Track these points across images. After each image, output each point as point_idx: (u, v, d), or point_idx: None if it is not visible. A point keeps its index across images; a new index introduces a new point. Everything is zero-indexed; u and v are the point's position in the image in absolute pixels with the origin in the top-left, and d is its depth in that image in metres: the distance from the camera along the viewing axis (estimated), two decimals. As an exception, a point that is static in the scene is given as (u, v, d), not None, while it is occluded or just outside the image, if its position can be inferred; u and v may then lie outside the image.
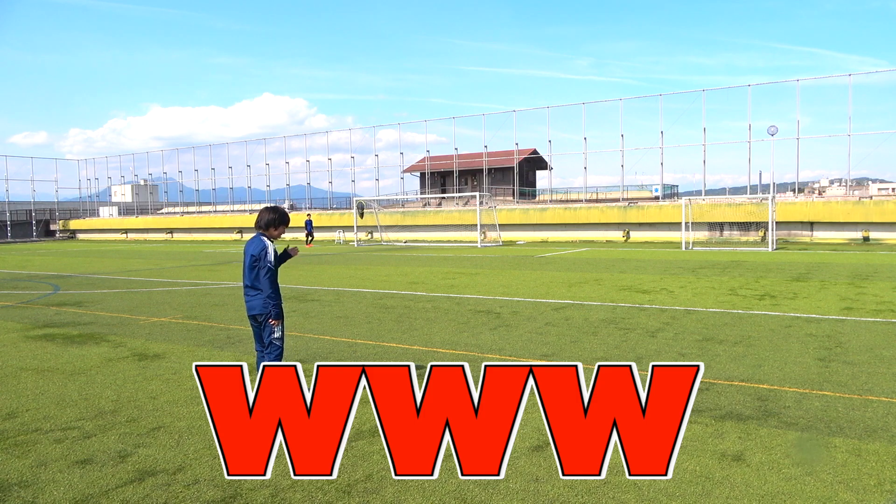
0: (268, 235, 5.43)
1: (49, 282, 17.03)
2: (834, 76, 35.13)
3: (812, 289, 12.44)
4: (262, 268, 5.27)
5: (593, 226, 35.04)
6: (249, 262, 5.35)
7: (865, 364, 6.42)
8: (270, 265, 5.30)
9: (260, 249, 5.29)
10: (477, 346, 7.63)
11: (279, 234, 5.52)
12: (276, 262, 5.34)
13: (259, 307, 5.37)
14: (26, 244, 48.70)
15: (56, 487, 3.87)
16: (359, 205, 37.77)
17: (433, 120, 50.53)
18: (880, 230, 28.62)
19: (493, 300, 11.55)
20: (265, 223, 5.42)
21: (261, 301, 5.34)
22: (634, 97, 55.74)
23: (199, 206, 58.12)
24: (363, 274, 17.50)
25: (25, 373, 6.75)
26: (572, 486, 3.76)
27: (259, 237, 5.41)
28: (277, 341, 5.38)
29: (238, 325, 9.38)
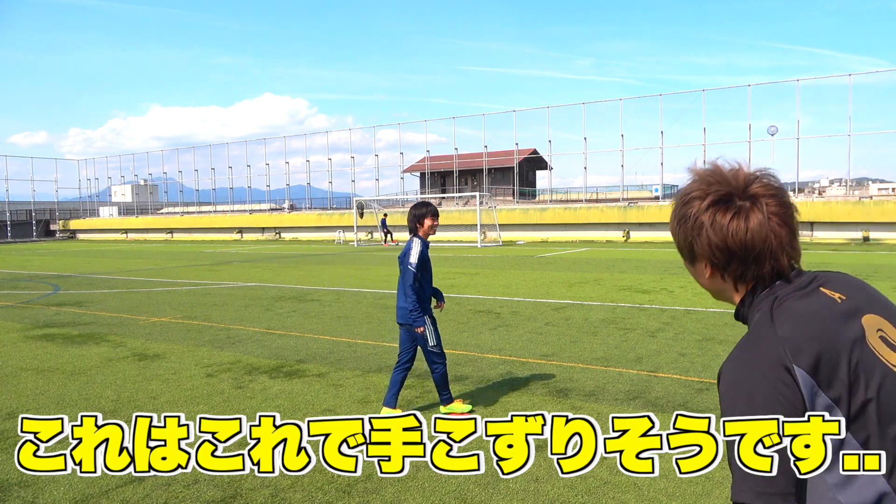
0: (420, 236, 5.09)
1: (49, 282, 17.03)
2: (834, 76, 35.16)
3: (812, 289, 12.43)
4: (403, 271, 4.94)
5: (593, 226, 35.04)
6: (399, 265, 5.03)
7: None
8: (412, 267, 4.90)
9: (406, 251, 4.98)
10: (477, 346, 7.63)
11: (431, 230, 5.11)
12: (421, 264, 4.93)
13: (401, 316, 5.03)
14: (26, 244, 48.70)
15: (56, 487, 3.87)
16: (359, 205, 37.77)
17: (433, 120, 50.61)
18: (880, 230, 28.62)
19: (493, 300, 11.55)
20: (410, 220, 5.11)
21: (404, 311, 4.98)
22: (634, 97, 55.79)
23: (199, 206, 58.12)
24: (363, 274, 17.50)
25: (25, 373, 6.75)
26: (572, 485, 3.76)
27: (411, 238, 5.10)
28: (434, 349, 5.01)
29: (238, 325, 9.38)
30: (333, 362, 6.92)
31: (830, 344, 1.17)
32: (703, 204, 1.27)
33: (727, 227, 1.25)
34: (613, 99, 41.31)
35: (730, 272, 1.30)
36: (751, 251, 1.25)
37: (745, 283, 1.31)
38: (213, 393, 5.82)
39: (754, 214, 1.24)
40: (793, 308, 1.23)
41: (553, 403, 5.34)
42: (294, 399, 5.57)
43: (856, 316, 1.23)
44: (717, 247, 1.26)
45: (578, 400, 5.41)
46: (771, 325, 1.21)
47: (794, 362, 1.14)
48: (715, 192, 1.27)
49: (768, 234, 1.24)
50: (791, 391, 1.13)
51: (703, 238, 1.28)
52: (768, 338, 1.19)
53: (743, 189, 1.26)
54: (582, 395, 5.56)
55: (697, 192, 1.29)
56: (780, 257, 1.26)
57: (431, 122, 48.11)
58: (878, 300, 1.30)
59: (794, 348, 1.15)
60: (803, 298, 1.25)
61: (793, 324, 1.19)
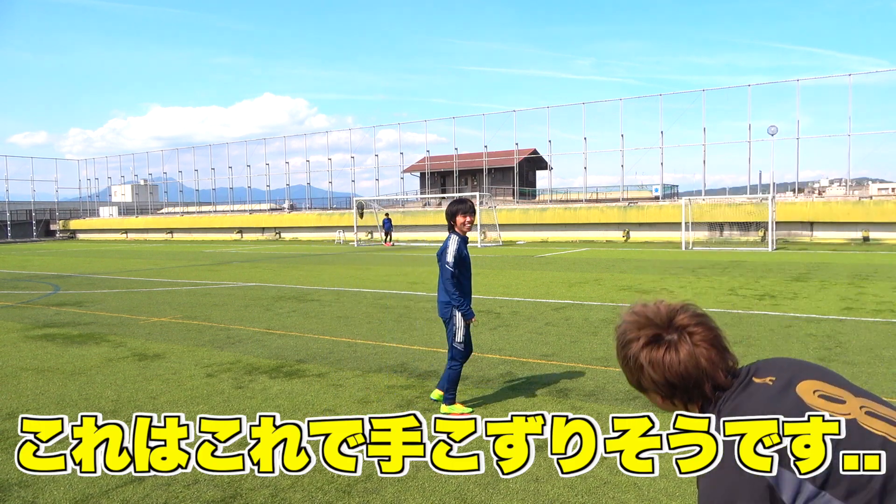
0: (458, 232, 5.14)
1: (49, 282, 17.03)
2: (834, 76, 35.16)
3: (812, 289, 12.43)
4: (441, 268, 5.05)
5: (593, 226, 35.03)
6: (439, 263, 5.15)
7: (865, 364, 6.41)
8: (449, 266, 4.99)
9: (443, 249, 5.09)
10: (477, 346, 7.62)
11: (465, 226, 5.17)
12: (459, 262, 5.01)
13: (440, 311, 5.18)
14: (26, 244, 48.70)
15: (56, 487, 3.87)
16: (359, 205, 37.77)
17: (433, 120, 50.61)
18: (880, 230, 28.61)
19: (493, 300, 11.54)
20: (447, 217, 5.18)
21: (441, 306, 5.13)
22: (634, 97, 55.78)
23: (199, 206, 58.11)
24: (363, 274, 17.50)
25: (25, 373, 6.75)
26: (572, 485, 3.76)
27: (449, 236, 5.18)
28: (459, 345, 5.12)
29: (238, 325, 9.38)
30: (333, 362, 6.92)
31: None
32: (638, 345, 1.47)
33: (662, 361, 1.43)
34: (613, 99, 41.35)
35: (678, 398, 1.47)
36: (688, 379, 1.42)
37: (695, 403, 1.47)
38: (213, 393, 5.82)
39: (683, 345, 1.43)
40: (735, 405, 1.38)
41: (553, 403, 5.34)
42: (294, 399, 5.57)
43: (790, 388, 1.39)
44: (659, 382, 1.45)
45: (578, 400, 5.41)
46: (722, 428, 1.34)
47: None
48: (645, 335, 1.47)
49: (699, 360, 1.42)
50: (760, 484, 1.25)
51: (647, 376, 1.46)
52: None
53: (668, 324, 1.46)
54: (582, 395, 5.56)
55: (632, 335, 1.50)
56: (715, 375, 1.43)
57: (431, 122, 48.14)
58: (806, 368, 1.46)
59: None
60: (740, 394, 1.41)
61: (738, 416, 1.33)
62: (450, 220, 5.17)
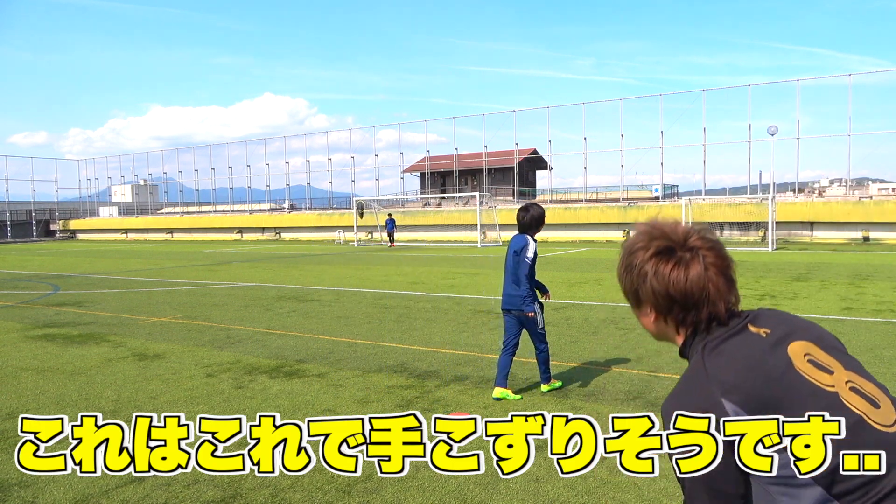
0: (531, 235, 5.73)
1: (49, 282, 17.03)
2: (834, 76, 35.18)
3: (812, 289, 12.43)
4: (519, 262, 5.55)
5: (593, 226, 35.04)
6: (509, 259, 5.66)
7: (865, 364, 6.36)
8: (528, 260, 5.56)
9: (522, 246, 5.61)
10: (477, 346, 7.63)
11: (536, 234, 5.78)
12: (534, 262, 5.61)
13: (510, 303, 5.61)
14: (26, 244, 48.70)
15: (56, 487, 3.87)
16: (359, 205, 37.77)
17: (433, 120, 50.65)
18: (880, 230, 28.62)
19: (494, 300, 11.54)
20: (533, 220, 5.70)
21: (518, 299, 5.54)
22: (634, 97, 55.82)
23: (199, 206, 58.12)
24: (363, 274, 17.50)
25: (25, 373, 6.75)
26: (572, 485, 3.76)
27: (521, 236, 5.75)
28: (542, 331, 5.64)
29: (238, 325, 9.38)
30: (333, 362, 6.92)
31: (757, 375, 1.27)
32: (646, 255, 1.40)
33: (668, 276, 1.37)
34: (613, 99, 41.36)
35: (672, 317, 1.41)
36: (690, 298, 1.37)
37: (685, 327, 1.41)
38: (213, 393, 5.82)
39: (694, 265, 1.37)
40: (722, 348, 1.33)
41: (553, 403, 5.34)
42: (294, 399, 5.57)
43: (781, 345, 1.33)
44: (660, 294, 1.38)
45: (578, 400, 5.41)
46: (703, 365, 1.31)
47: (723, 396, 1.24)
48: (657, 245, 1.40)
49: (706, 284, 1.36)
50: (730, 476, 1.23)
51: (647, 285, 1.40)
52: (700, 377, 1.29)
53: (683, 242, 1.39)
54: (582, 395, 5.56)
55: (641, 244, 1.43)
56: (717, 304, 1.37)
57: (431, 122, 48.16)
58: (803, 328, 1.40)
59: (723, 384, 1.26)
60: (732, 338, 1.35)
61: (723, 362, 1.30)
62: (538, 223, 5.72)
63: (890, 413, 1.26)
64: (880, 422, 1.23)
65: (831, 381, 1.28)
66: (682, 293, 1.36)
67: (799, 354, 1.32)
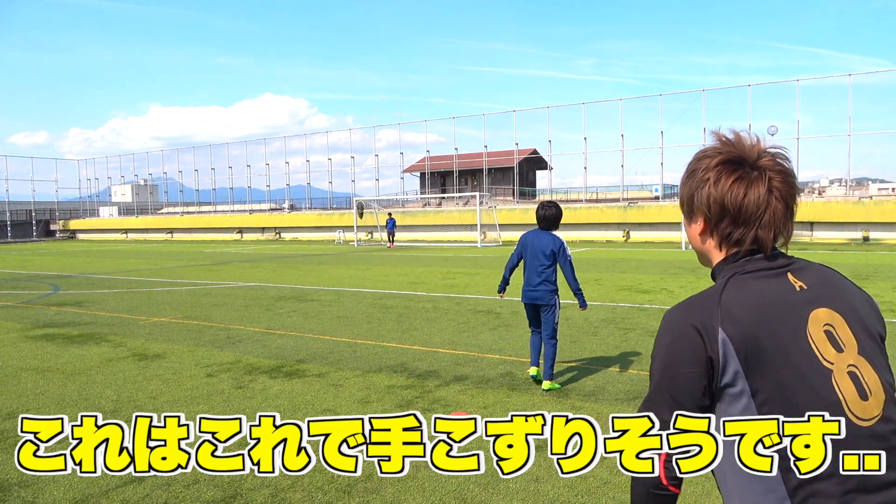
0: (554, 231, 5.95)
1: (49, 282, 17.03)
2: (834, 76, 35.16)
3: (812, 289, 12.43)
4: (563, 261, 5.88)
5: (593, 226, 35.04)
6: (545, 255, 5.85)
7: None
8: (570, 257, 5.96)
9: (558, 245, 5.85)
10: (477, 346, 7.63)
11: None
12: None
13: (545, 299, 5.93)
14: (26, 244, 48.71)
15: (56, 487, 3.87)
16: (359, 205, 37.77)
17: (433, 120, 50.64)
18: (880, 230, 28.62)
19: (493, 300, 11.54)
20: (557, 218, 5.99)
21: (547, 293, 5.91)
22: (634, 97, 55.83)
23: (199, 206, 58.12)
24: (363, 274, 17.50)
25: (25, 373, 6.75)
26: (572, 485, 3.76)
27: (547, 233, 5.91)
28: (556, 325, 6.04)
29: (238, 325, 9.38)
30: (333, 362, 6.92)
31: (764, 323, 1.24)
32: (712, 162, 1.35)
33: (729, 187, 1.32)
34: (613, 99, 41.36)
35: (719, 230, 1.36)
36: (743, 214, 1.31)
37: (728, 246, 1.36)
38: (213, 393, 5.82)
39: (758, 185, 1.31)
40: (748, 284, 1.30)
41: (553, 403, 5.34)
42: (294, 399, 5.57)
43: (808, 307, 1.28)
44: (716, 201, 1.33)
45: (578, 400, 5.41)
46: (723, 289, 1.30)
47: (720, 323, 1.24)
48: (727, 153, 1.34)
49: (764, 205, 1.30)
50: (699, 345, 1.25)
51: (705, 191, 1.35)
52: (712, 300, 1.29)
53: (755, 159, 1.32)
54: (582, 395, 5.56)
55: (711, 151, 1.37)
56: (768, 229, 1.32)
57: (431, 122, 48.15)
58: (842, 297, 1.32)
59: (728, 314, 1.25)
60: (764, 279, 1.31)
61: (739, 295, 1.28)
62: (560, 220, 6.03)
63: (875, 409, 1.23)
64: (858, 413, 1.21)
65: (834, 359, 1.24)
66: (738, 207, 1.31)
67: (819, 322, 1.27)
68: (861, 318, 1.31)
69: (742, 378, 1.23)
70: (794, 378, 1.22)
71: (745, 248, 1.34)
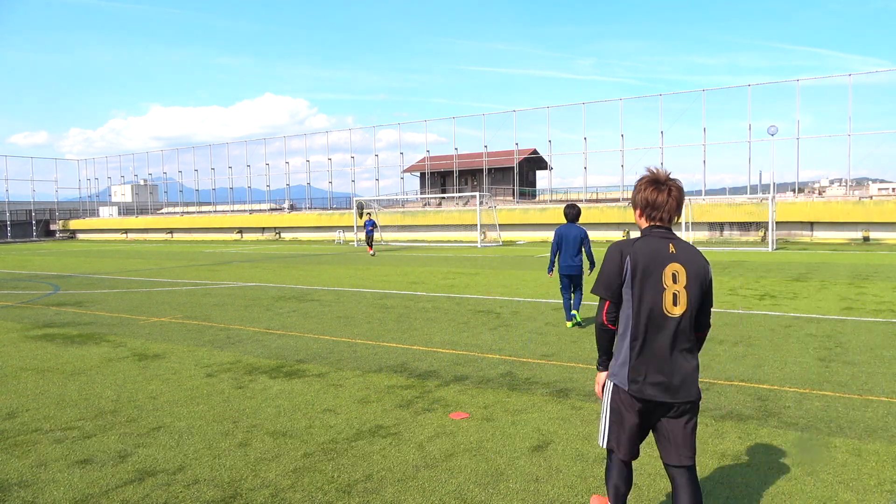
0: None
1: (49, 282, 17.03)
2: (834, 76, 35.15)
3: (812, 289, 12.43)
4: (588, 245, 8.66)
5: (593, 226, 34.98)
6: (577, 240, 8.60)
7: (865, 364, 6.42)
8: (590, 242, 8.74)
9: (584, 234, 8.66)
10: (477, 346, 7.63)
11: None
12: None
13: (579, 270, 8.67)
14: (26, 244, 48.70)
15: (56, 487, 3.87)
16: (359, 205, 37.76)
17: (433, 120, 50.57)
18: (880, 230, 28.62)
19: (493, 300, 11.54)
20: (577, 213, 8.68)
21: (580, 267, 8.66)
22: (634, 97, 55.75)
23: (199, 206, 58.12)
24: (363, 274, 17.49)
25: (25, 373, 6.75)
26: (572, 485, 3.76)
27: (575, 226, 8.65)
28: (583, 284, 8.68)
29: (238, 325, 9.38)
30: (333, 362, 6.92)
31: (647, 256, 2.75)
32: (642, 182, 2.86)
33: (650, 192, 2.81)
34: (613, 99, 41.33)
35: (644, 214, 2.86)
36: (655, 206, 2.81)
37: (648, 221, 2.87)
38: (213, 393, 5.82)
39: (664, 192, 2.79)
40: (648, 241, 2.80)
41: (553, 403, 5.34)
42: (294, 399, 5.57)
43: (670, 260, 2.76)
44: (644, 198, 2.83)
45: (578, 400, 5.41)
46: (637, 240, 2.82)
47: (628, 254, 2.76)
48: (651, 177, 2.84)
49: (667, 202, 2.80)
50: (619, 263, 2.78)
51: (640, 195, 2.85)
52: (632, 241, 2.81)
53: (664, 181, 2.82)
54: (582, 395, 5.56)
55: (644, 177, 2.86)
56: (665, 215, 2.82)
57: (431, 122, 48.14)
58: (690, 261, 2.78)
59: (633, 251, 2.77)
60: (656, 240, 2.81)
61: (642, 245, 2.79)
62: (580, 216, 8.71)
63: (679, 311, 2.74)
64: (669, 310, 2.74)
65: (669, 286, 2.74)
66: (653, 203, 2.81)
67: (672, 268, 2.75)
68: (696, 273, 2.77)
69: (629, 279, 2.75)
70: (649, 287, 2.74)
71: (654, 224, 2.84)
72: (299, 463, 4.17)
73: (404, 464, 4.13)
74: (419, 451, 4.33)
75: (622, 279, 2.75)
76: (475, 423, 4.87)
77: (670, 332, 2.72)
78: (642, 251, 2.73)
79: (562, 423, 4.82)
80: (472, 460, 4.16)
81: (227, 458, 4.27)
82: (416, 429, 4.77)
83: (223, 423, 4.96)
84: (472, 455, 4.24)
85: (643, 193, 2.80)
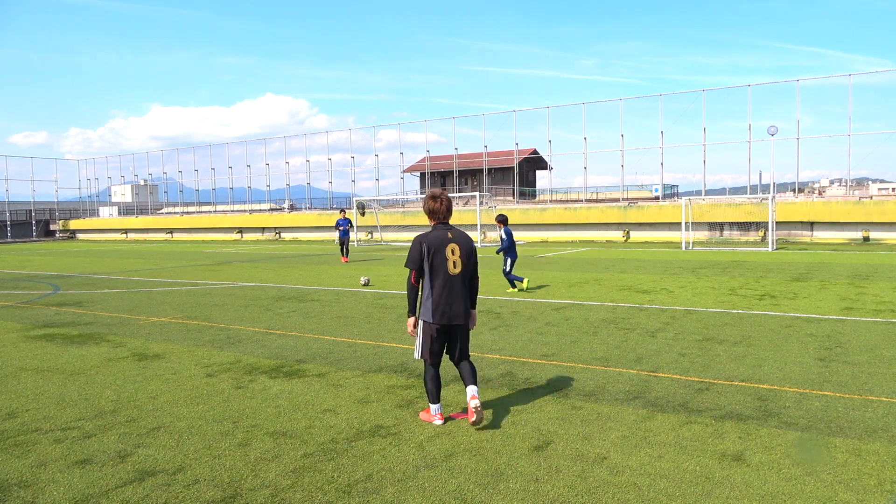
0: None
1: (49, 282, 17.03)
2: (834, 76, 35.14)
3: (812, 289, 12.43)
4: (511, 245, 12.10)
5: (593, 226, 35.04)
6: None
7: (865, 364, 6.42)
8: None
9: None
10: (477, 346, 7.62)
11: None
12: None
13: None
14: (26, 244, 48.70)
15: (56, 487, 3.87)
16: (359, 205, 37.75)
17: (433, 120, 50.58)
18: (880, 230, 28.62)
19: (493, 300, 11.54)
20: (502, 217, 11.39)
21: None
22: (635, 97, 55.76)
23: (199, 206, 58.10)
24: (363, 274, 17.49)
25: (25, 373, 6.75)
26: (572, 485, 3.76)
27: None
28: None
29: (238, 325, 9.38)
30: (333, 362, 6.92)
31: (435, 244, 4.84)
32: (426, 198, 5.02)
33: (431, 204, 4.98)
34: (613, 99, 41.32)
35: (431, 216, 5.00)
36: (434, 211, 4.97)
37: (433, 221, 5.00)
38: (213, 393, 5.82)
39: (439, 202, 4.96)
40: (435, 231, 4.92)
41: (553, 403, 5.34)
42: (294, 399, 5.57)
43: (450, 241, 4.87)
44: (429, 207, 4.99)
45: (578, 400, 5.41)
46: (428, 232, 4.95)
47: (424, 243, 4.85)
48: (432, 194, 5.02)
49: (441, 208, 4.95)
50: (421, 251, 4.84)
51: (426, 207, 5.01)
52: (426, 233, 4.92)
53: (438, 195, 4.99)
54: (582, 395, 5.56)
55: (429, 193, 5.02)
56: (441, 216, 4.96)
57: (431, 121, 48.13)
58: (462, 242, 4.94)
59: (427, 239, 4.86)
60: (439, 230, 4.91)
61: (432, 234, 4.90)
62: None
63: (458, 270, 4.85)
64: (451, 270, 4.83)
65: (450, 258, 4.83)
66: (434, 210, 4.96)
67: (451, 247, 4.85)
68: (466, 248, 4.91)
69: (427, 257, 4.81)
70: (437, 261, 4.82)
71: (437, 222, 4.96)
72: (299, 463, 4.17)
73: (404, 464, 4.13)
74: (419, 451, 4.33)
75: (422, 256, 4.80)
76: (475, 423, 4.87)
77: (453, 284, 4.81)
78: (432, 238, 4.83)
79: (562, 423, 4.82)
80: (472, 460, 4.16)
81: (226, 458, 4.27)
82: (416, 429, 4.78)
83: (223, 424, 4.96)
84: (472, 455, 4.24)
85: (427, 205, 4.97)
